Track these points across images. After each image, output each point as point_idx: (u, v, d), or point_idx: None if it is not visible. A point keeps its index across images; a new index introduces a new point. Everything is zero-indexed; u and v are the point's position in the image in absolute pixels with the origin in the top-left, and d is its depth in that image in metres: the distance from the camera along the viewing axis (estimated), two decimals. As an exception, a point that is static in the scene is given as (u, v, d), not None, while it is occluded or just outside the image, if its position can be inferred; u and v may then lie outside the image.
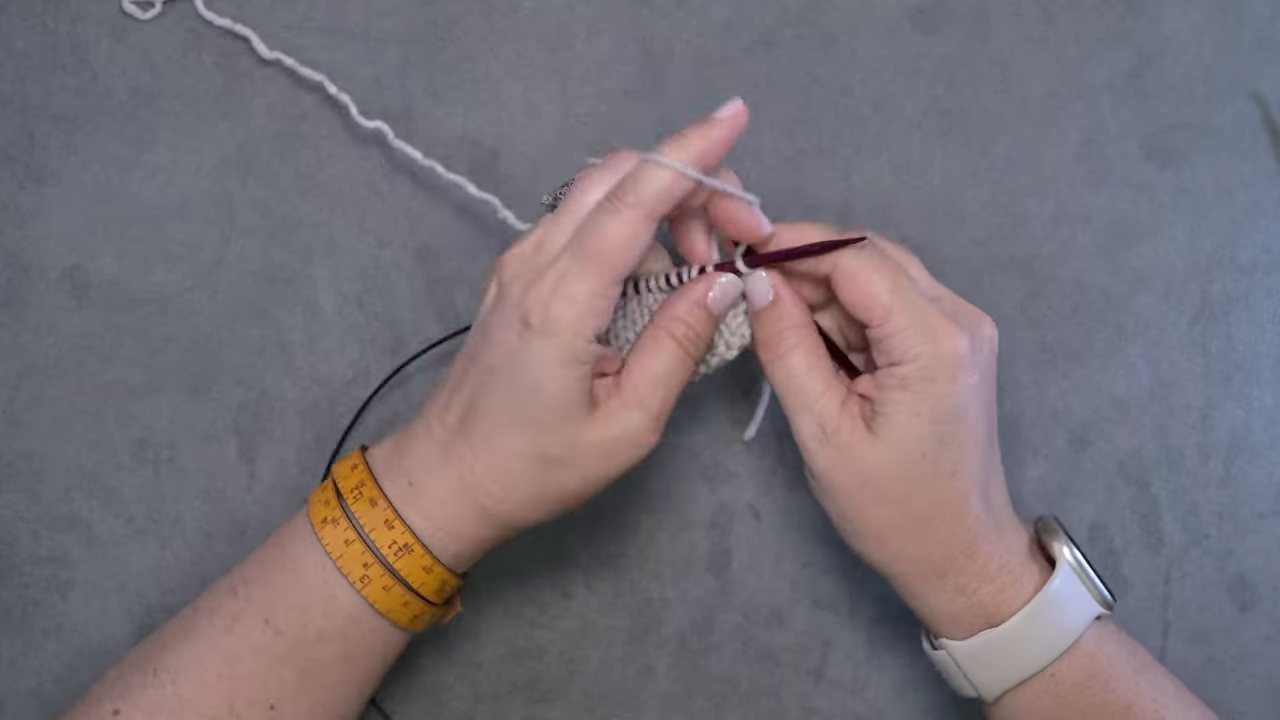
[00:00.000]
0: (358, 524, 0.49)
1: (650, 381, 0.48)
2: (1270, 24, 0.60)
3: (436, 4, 0.59)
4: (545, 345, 0.46)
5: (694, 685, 0.58)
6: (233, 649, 0.49)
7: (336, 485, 0.50)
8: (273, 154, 0.59)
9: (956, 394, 0.48)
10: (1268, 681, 0.58)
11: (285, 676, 0.49)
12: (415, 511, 0.49)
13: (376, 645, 0.50)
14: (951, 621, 0.50)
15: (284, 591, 0.49)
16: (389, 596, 0.49)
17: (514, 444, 0.48)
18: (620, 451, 0.48)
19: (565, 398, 0.47)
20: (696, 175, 0.46)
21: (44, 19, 0.59)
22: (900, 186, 0.59)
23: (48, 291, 0.58)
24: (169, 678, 0.48)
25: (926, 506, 0.48)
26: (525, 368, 0.46)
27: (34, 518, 0.58)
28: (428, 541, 0.49)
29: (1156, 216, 0.59)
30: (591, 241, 0.46)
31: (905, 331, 0.47)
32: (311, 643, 0.49)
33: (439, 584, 0.49)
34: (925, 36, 0.60)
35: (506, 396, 0.47)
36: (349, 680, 0.50)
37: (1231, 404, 0.59)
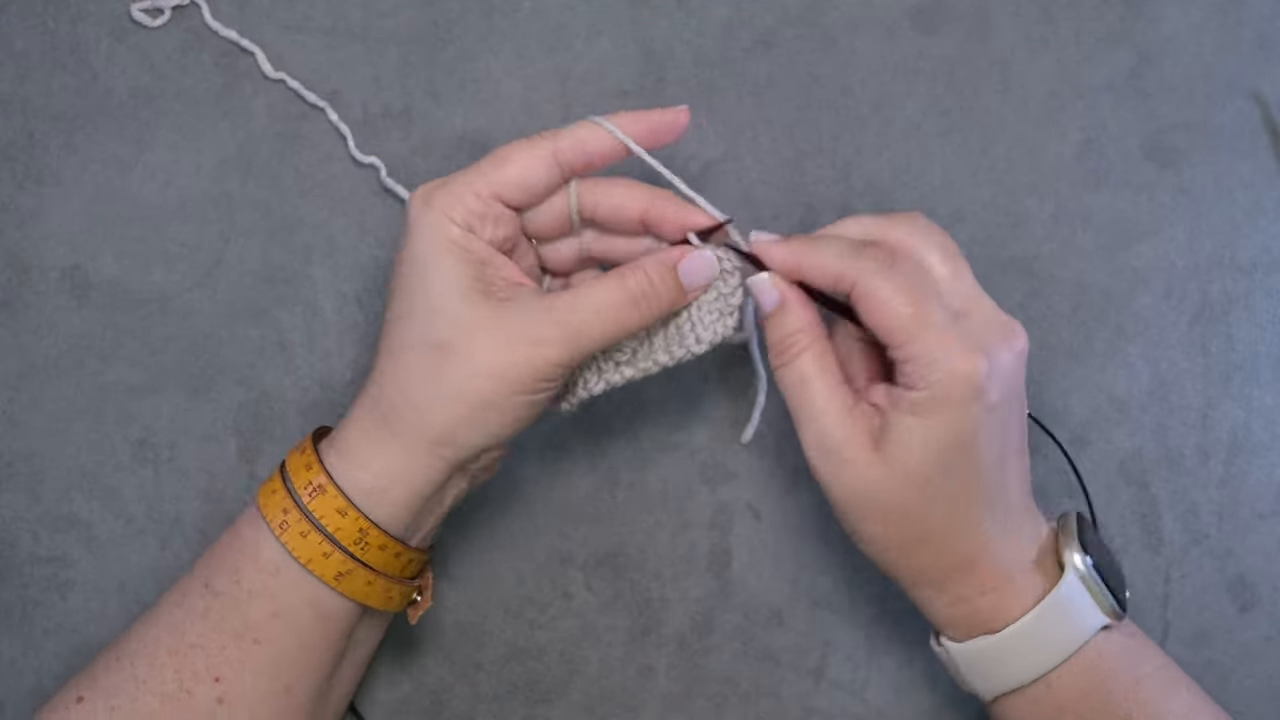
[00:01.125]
0: (285, 472, 0.49)
1: (579, 299, 0.48)
2: (1270, 24, 0.60)
3: (436, 4, 0.59)
4: (421, 230, 0.48)
5: (694, 685, 0.58)
6: (179, 620, 0.49)
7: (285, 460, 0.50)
8: (273, 154, 0.59)
9: (967, 424, 0.47)
10: (1268, 682, 0.58)
11: (225, 643, 0.48)
12: (334, 453, 0.49)
13: (305, 603, 0.49)
14: (951, 626, 0.50)
15: (222, 554, 0.50)
16: (307, 544, 0.48)
17: (408, 339, 0.48)
18: (516, 348, 0.47)
19: (448, 276, 0.47)
20: (616, 131, 0.49)
21: (44, 19, 0.59)
22: (900, 186, 0.59)
23: (48, 291, 0.58)
24: (128, 659, 0.49)
25: (926, 528, 0.48)
26: (411, 259, 0.48)
27: (34, 518, 0.58)
28: (341, 480, 0.48)
29: (1156, 216, 0.59)
30: (492, 152, 0.49)
31: (920, 360, 0.46)
32: (243, 601, 0.48)
33: (356, 532, 0.48)
34: (925, 36, 0.60)
35: (402, 289, 0.48)
36: (289, 649, 0.49)
37: (1231, 404, 0.59)
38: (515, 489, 0.59)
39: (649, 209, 0.50)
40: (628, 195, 0.51)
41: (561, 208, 0.51)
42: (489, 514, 0.59)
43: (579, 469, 0.59)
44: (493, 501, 0.58)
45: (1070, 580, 0.48)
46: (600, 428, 0.59)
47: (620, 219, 0.51)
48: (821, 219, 0.58)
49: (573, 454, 0.59)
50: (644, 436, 0.59)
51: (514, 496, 0.59)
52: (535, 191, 0.50)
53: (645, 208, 0.50)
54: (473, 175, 0.49)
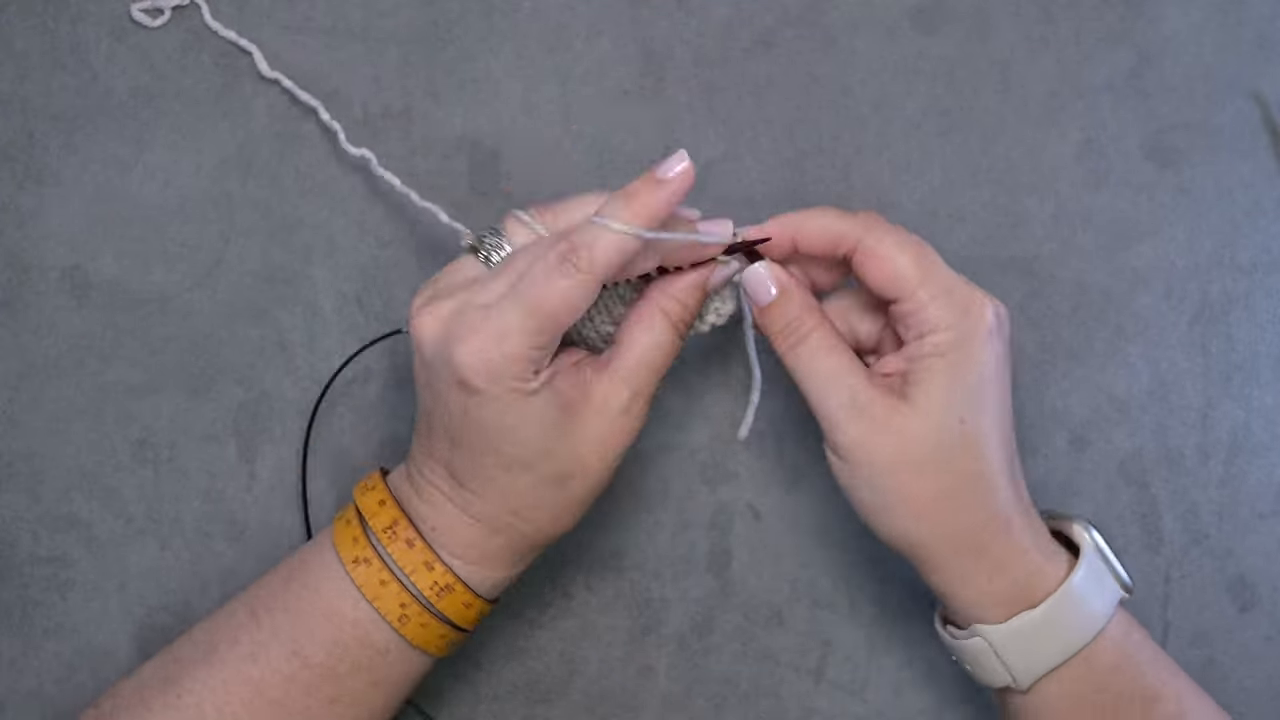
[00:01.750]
0: (396, 567, 0.49)
1: (643, 359, 0.49)
2: (1270, 24, 0.60)
3: (436, 4, 0.59)
4: (495, 401, 0.46)
5: (694, 685, 0.58)
6: (259, 678, 0.48)
7: (365, 521, 0.50)
8: (273, 154, 0.59)
9: (989, 362, 0.48)
10: (1268, 682, 0.58)
11: (313, 705, 0.49)
12: (448, 552, 0.49)
13: (408, 672, 0.50)
14: (990, 602, 0.49)
15: (312, 625, 0.49)
16: (426, 632, 0.49)
17: (516, 483, 0.48)
18: (617, 435, 0.49)
19: (540, 431, 0.47)
20: (648, 234, 0.46)
21: (44, 19, 0.59)
22: (900, 186, 0.59)
23: (48, 291, 0.58)
24: (192, 700, 0.48)
25: (964, 476, 0.48)
26: (487, 424, 0.47)
27: (34, 518, 0.58)
28: (468, 580, 0.49)
29: (1156, 216, 0.59)
30: (535, 296, 0.45)
31: (937, 300, 0.48)
32: (343, 675, 0.49)
33: (477, 615, 0.50)
34: (925, 36, 0.60)
35: (484, 453, 0.47)
36: (377, 702, 0.50)
37: (1231, 404, 0.59)
38: (515, 489, 0.59)
39: (665, 261, 0.50)
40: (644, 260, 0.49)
41: None
42: (489, 514, 0.59)
43: (579, 469, 0.59)
44: (493, 501, 0.58)
45: (1090, 552, 0.49)
46: (600, 428, 0.59)
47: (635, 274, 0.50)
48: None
49: (573, 454, 0.59)
50: (644, 436, 0.59)
51: (514, 496, 0.59)
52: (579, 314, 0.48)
53: (661, 260, 0.50)
54: (532, 329, 0.46)
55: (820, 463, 0.59)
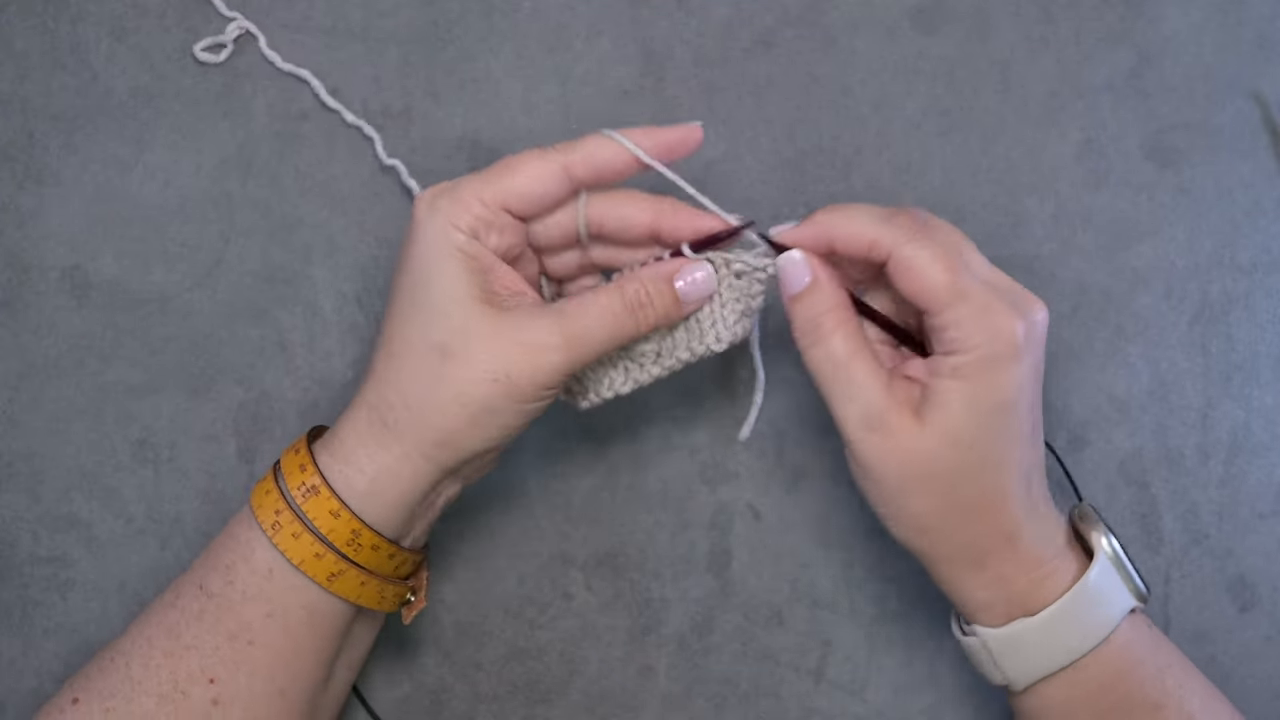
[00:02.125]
0: (278, 473, 0.49)
1: (579, 308, 0.48)
2: (1270, 24, 0.60)
3: (436, 4, 0.60)
4: (426, 235, 0.48)
5: (694, 685, 0.58)
6: (174, 621, 0.49)
7: (280, 459, 0.50)
8: (273, 154, 0.59)
9: (1010, 385, 0.47)
10: (1268, 681, 0.58)
11: (220, 645, 0.48)
12: (328, 453, 0.49)
13: (298, 605, 0.49)
14: (987, 609, 0.49)
15: (215, 555, 0.49)
16: (299, 545, 0.48)
17: (409, 341, 0.48)
18: (517, 355, 0.47)
19: (452, 282, 0.47)
20: (634, 149, 0.48)
21: (44, 19, 0.59)
22: (900, 186, 0.59)
23: (48, 291, 0.58)
24: (122, 660, 0.49)
25: (971, 497, 0.48)
26: (414, 262, 0.48)
27: (34, 518, 0.58)
28: (334, 481, 0.48)
29: (1156, 216, 0.59)
30: (502, 160, 0.49)
31: (963, 322, 0.47)
32: (237, 602, 0.48)
33: (349, 533, 0.48)
34: (925, 36, 0.60)
35: (405, 291, 0.48)
36: (283, 650, 0.49)
37: (1231, 404, 0.59)
38: (515, 489, 0.59)
39: (657, 220, 0.50)
40: (634, 207, 0.50)
41: (569, 222, 0.51)
42: (489, 514, 0.59)
43: (579, 469, 0.59)
44: (493, 502, 0.58)
45: (1102, 561, 0.49)
46: (600, 428, 0.59)
47: (627, 231, 0.51)
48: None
49: (573, 454, 0.59)
50: (644, 436, 0.59)
51: (514, 496, 0.59)
52: (543, 203, 0.49)
53: (653, 219, 0.50)
54: (481, 182, 0.48)
55: (820, 463, 0.59)
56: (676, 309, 0.50)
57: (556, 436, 0.59)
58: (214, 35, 0.59)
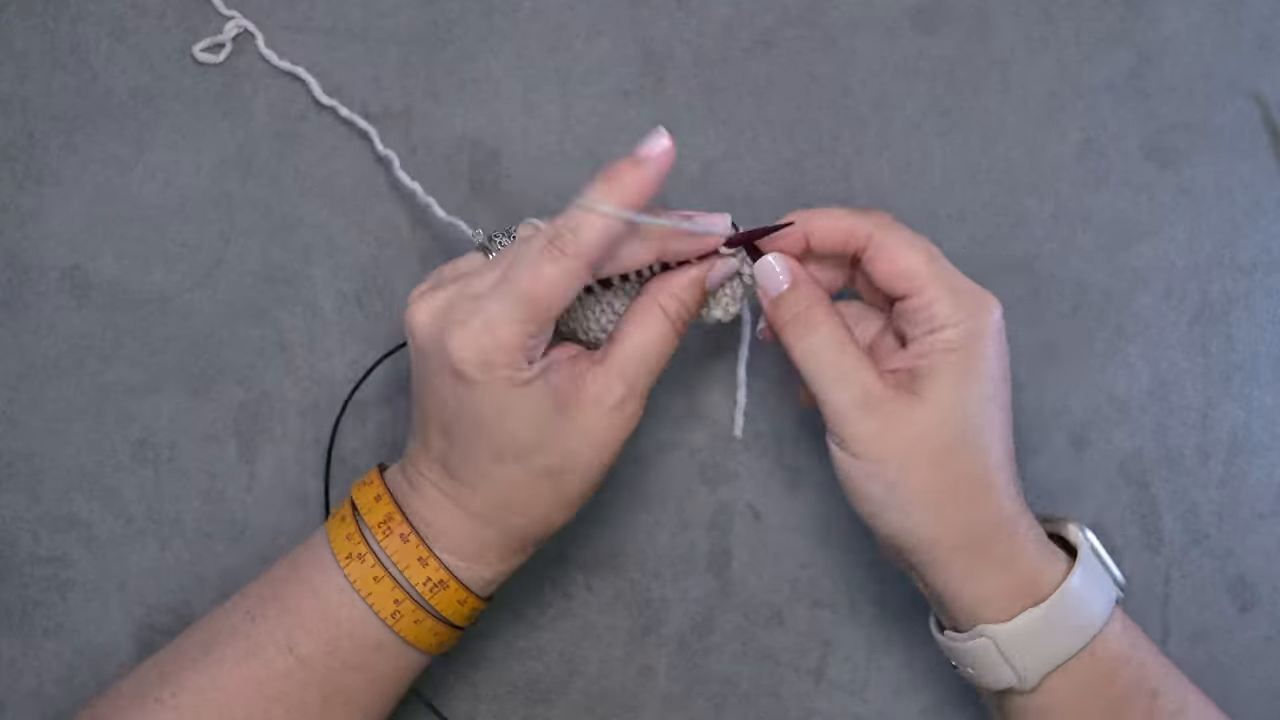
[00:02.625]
0: (389, 562, 0.49)
1: (637, 354, 0.49)
2: (1270, 24, 0.60)
3: (436, 4, 0.59)
4: (487, 390, 0.46)
5: (694, 685, 0.58)
6: (254, 675, 0.48)
7: (360, 516, 0.50)
8: (273, 154, 0.59)
9: (996, 359, 0.49)
10: (1268, 681, 0.58)
11: (308, 701, 0.49)
12: (442, 548, 0.49)
13: (403, 669, 0.50)
14: (995, 599, 0.48)
15: (307, 621, 0.49)
16: (420, 629, 0.49)
17: (509, 476, 0.48)
18: (611, 430, 0.49)
19: (533, 420, 0.47)
20: (633, 216, 0.47)
21: (44, 19, 0.59)
22: (900, 186, 0.59)
23: (48, 291, 0.58)
24: (188, 700, 0.48)
25: (973, 472, 0.48)
26: (480, 415, 0.47)
27: (34, 518, 0.58)
28: (462, 576, 0.49)
29: (1156, 216, 0.59)
30: (524, 284, 0.46)
31: (947, 297, 0.48)
32: (337, 671, 0.49)
33: (470, 612, 0.50)
34: (925, 36, 0.60)
35: (477, 444, 0.47)
36: (372, 700, 0.50)
37: (1231, 404, 0.59)
38: (515, 489, 0.59)
39: (661, 255, 0.50)
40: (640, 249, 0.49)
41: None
42: (489, 514, 0.59)
43: (579, 469, 0.59)
44: (493, 501, 0.58)
45: (1087, 551, 0.49)
46: (600, 428, 0.59)
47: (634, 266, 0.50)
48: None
49: (573, 454, 0.59)
50: (644, 436, 0.59)
51: (514, 496, 0.59)
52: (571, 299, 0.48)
53: (657, 255, 0.50)
54: (515, 317, 0.46)
55: (820, 463, 0.59)
56: (703, 298, 0.51)
57: (556, 436, 0.59)
58: (213, 35, 0.59)
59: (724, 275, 0.51)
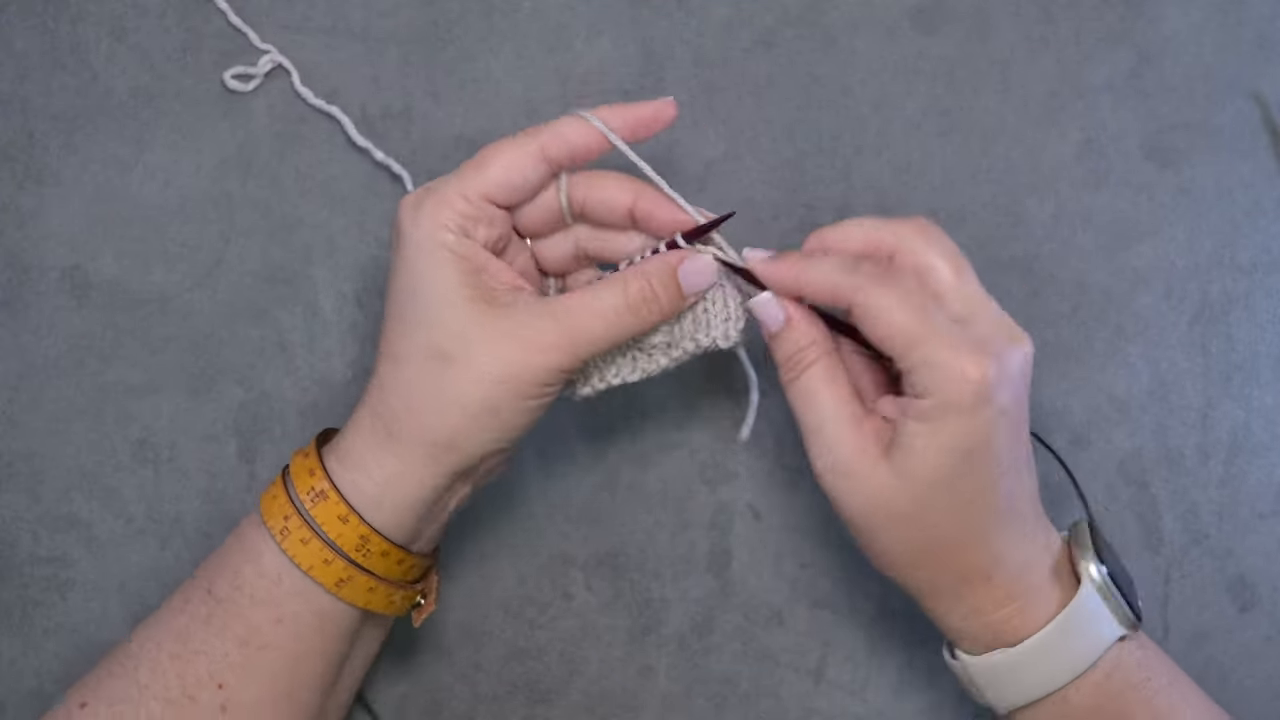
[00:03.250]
0: (287, 477, 0.49)
1: (580, 302, 0.48)
2: (1270, 24, 0.60)
3: (436, 4, 0.60)
4: (414, 241, 0.47)
5: (694, 685, 0.58)
6: (182, 626, 0.49)
7: (293, 458, 0.50)
8: (273, 154, 0.59)
9: (977, 430, 0.46)
10: (1268, 681, 0.58)
11: (229, 650, 0.48)
12: (336, 459, 0.49)
13: (309, 612, 0.48)
14: (967, 638, 0.49)
15: (224, 559, 0.49)
16: (308, 550, 0.48)
17: (409, 347, 0.48)
18: (518, 355, 0.47)
19: (445, 286, 0.47)
20: (601, 126, 0.48)
21: (44, 19, 0.59)
22: (900, 186, 0.59)
23: (48, 291, 0.58)
24: (130, 664, 0.48)
25: (938, 536, 0.48)
26: (406, 267, 0.48)
27: (34, 518, 0.58)
28: (343, 487, 0.48)
29: (1156, 216, 0.59)
30: (477, 154, 0.49)
31: (924, 368, 0.46)
32: (246, 607, 0.48)
33: (357, 539, 0.48)
34: (925, 36, 0.60)
35: (400, 299, 0.48)
36: (292, 654, 0.49)
37: (1231, 404, 0.59)
38: (515, 489, 0.59)
39: (637, 201, 0.50)
40: (616, 188, 0.50)
41: (551, 202, 0.51)
42: (489, 514, 0.59)
43: (579, 469, 0.59)
44: (493, 501, 0.58)
45: (1087, 592, 0.48)
46: (600, 428, 0.59)
47: (609, 212, 0.50)
48: (821, 219, 0.58)
49: (573, 454, 0.59)
50: (644, 436, 0.59)
51: (514, 496, 0.59)
52: (524, 189, 0.49)
53: (633, 200, 0.50)
54: (460, 179, 0.48)
55: (820, 463, 0.59)
56: (681, 300, 0.49)
57: (556, 436, 0.59)
58: (216, 37, 0.59)
59: (701, 277, 0.49)
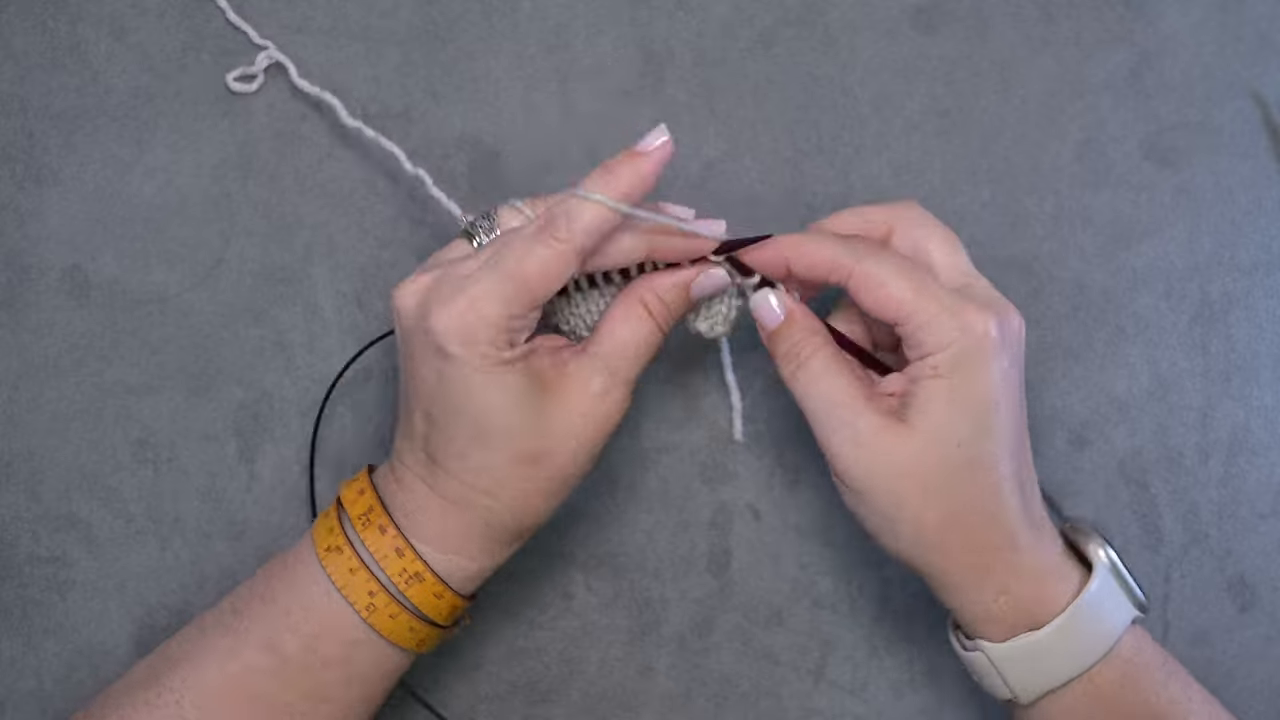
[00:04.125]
0: (364, 551, 0.48)
1: (619, 347, 0.49)
2: (1270, 24, 0.60)
3: (436, 4, 0.60)
4: (469, 368, 0.46)
5: (694, 685, 0.58)
6: (236, 673, 0.48)
7: (343, 510, 0.50)
8: (273, 154, 0.59)
9: (990, 380, 0.47)
10: (1268, 681, 0.58)
11: (290, 699, 0.49)
12: (421, 539, 0.49)
13: (382, 668, 0.50)
14: (992, 622, 0.48)
15: (288, 617, 0.49)
16: (395, 624, 0.49)
17: (488, 459, 0.48)
18: (593, 419, 0.48)
19: (514, 403, 0.47)
20: (628, 209, 0.47)
21: (44, 19, 0.59)
22: (900, 186, 0.59)
23: (48, 291, 0.58)
24: (173, 698, 0.48)
25: (967, 498, 0.47)
26: (461, 395, 0.47)
27: (34, 518, 0.58)
28: (438, 568, 0.49)
29: (1156, 216, 0.59)
30: (511, 265, 0.46)
31: (934, 321, 0.47)
32: (317, 668, 0.49)
33: (449, 609, 0.49)
34: (925, 36, 0.60)
35: (457, 425, 0.47)
36: (354, 699, 0.50)
37: (1231, 404, 0.59)
38: (515, 489, 0.59)
39: (651, 251, 0.50)
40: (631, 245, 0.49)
41: None
42: (489, 514, 0.59)
43: (579, 469, 0.59)
44: (493, 501, 0.58)
45: (1102, 573, 0.48)
46: (600, 428, 0.59)
47: (626, 261, 0.50)
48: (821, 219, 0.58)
49: (573, 454, 0.59)
50: (644, 436, 0.59)
51: (514, 496, 0.59)
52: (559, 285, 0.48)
53: (648, 252, 0.50)
54: (502, 297, 0.46)
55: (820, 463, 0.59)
56: (689, 307, 0.51)
57: (556, 436, 0.59)
58: (216, 37, 0.59)
59: (712, 286, 0.51)
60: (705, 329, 0.52)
